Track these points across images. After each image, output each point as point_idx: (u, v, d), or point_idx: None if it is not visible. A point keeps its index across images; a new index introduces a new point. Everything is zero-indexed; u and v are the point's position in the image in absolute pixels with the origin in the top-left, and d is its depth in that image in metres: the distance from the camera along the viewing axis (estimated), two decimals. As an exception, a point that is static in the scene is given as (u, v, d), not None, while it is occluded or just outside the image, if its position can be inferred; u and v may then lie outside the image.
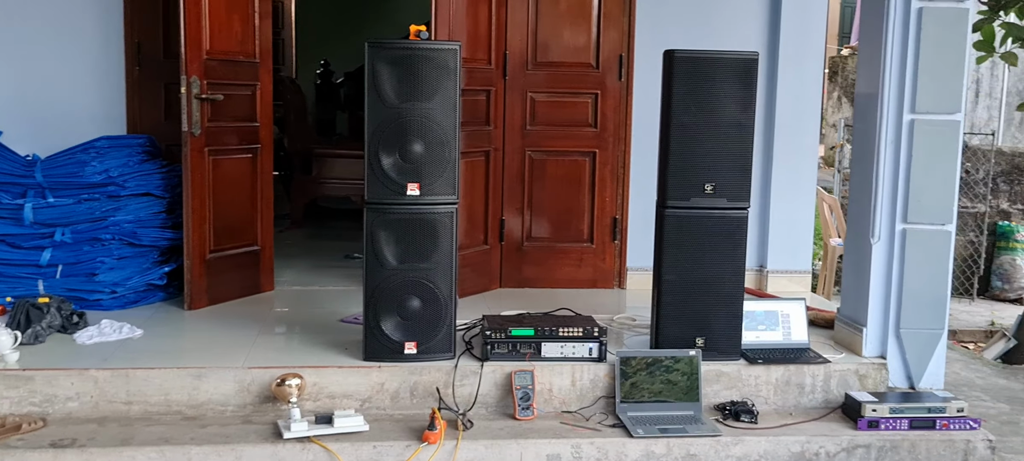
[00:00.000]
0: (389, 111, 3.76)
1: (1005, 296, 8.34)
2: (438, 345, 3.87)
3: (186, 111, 4.43)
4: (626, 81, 5.27)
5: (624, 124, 5.30)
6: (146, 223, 4.66)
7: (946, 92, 4.01)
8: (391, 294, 3.83)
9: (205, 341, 4.14)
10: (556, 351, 3.91)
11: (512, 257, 5.33)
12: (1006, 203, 8.65)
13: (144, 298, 4.65)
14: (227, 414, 3.70)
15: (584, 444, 3.61)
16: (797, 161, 5.46)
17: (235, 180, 4.79)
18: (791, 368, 4.02)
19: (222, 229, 4.72)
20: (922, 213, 4.06)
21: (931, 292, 4.11)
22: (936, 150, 4.03)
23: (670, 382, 3.87)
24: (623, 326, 4.54)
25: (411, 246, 3.83)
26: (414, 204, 3.82)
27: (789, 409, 4.01)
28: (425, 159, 3.80)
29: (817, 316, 4.63)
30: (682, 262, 3.98)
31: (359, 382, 3.79)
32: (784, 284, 5.46)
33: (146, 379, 3.68)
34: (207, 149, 4.57)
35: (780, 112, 5.38)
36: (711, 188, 3.95)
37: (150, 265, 4.66)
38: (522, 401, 3.78)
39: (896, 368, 4.14)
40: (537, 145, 5.26)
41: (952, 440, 3.80)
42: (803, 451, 3.72)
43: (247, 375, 3.73)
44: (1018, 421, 4.62)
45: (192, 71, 4.43)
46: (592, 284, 5.40)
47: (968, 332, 7.18)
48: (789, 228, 5.51)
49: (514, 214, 5.29)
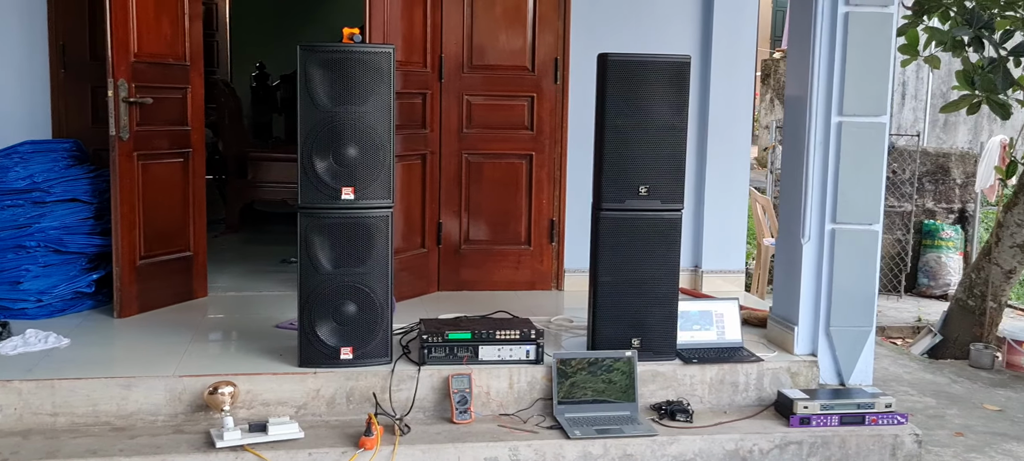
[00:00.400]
0: (322, 115, 3.73)
1: (931, 293, 8.56)
2: (375, 350, 3.85)
3: (114, 115, 4.33)
4: (562, 84, 5.30)
5: (560, 127, 5.32)
6: (73, 230, 4.54)
7: (872, 95, 4.10)
8: (326, 299, 3.79)
9: (135, 349, 4.05)
10: (493, 354, 3.91)
11: (450, 260, 5.32)
12: (931, 202, 8.89)
13: (72, 306, 4.54)
14: (158, 424, 3.63)
15: (522, 447, 3.62)
16: (730, 162, 5.55)
17: (166, 185, 4.70)
18: (725, 367, 4.08)
19: (153, 235, 4.62)
20: (850, 213, 4.15)
21: (860, 290, 4.20)
22: (863, 151, 4.12)
23: (607, 383, 3.90)
24: (561, 328, 4.56)
25: (346, 250, 3.79)
26: (349, 208, 3.79)
27: (724, 407, 4.07)
28: (359, 163, 3.77)
29: (750, 315, 4.70)
30: (617, 263, 4.01)
31: (294, 389, 3.74)
32: (718, 284, 5.54)
33: (73, 390, 3.58)
34: (136, 154, 4.47)
35: (713, 114, 5.46)
36: (645, 190, 3.99)
37: (78, 272, 4.55)
38: (459, 405, 3.77)
39: (827, 365, 4.22)
40: (474, 148, 5.25)
41: (881, 435, 3.88)
42: (737, 449, 3.78)
43: (178, 384, 3.66)
44: (944, 415, 4.75)
45: (119, 74, 4.34)
46: (530, 286, 5.41)
47: (896, 328, 7.36)
48: (723, 228, 5.59)
49: (451, 217, 5.28)
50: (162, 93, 4.63)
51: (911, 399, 4.96)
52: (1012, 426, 4.60)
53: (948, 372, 5.58)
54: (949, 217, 8.89)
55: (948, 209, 8.90)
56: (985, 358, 5.70)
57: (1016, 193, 6.08)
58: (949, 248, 8.57)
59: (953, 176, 8.91)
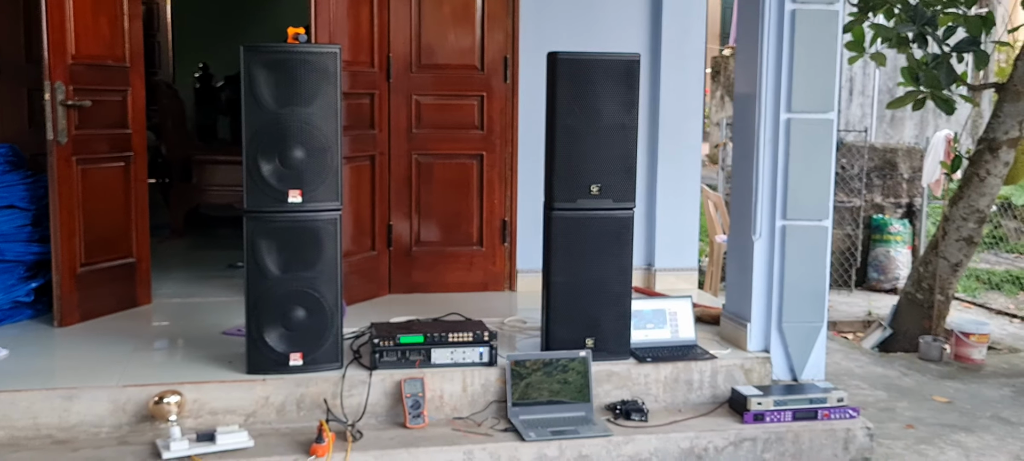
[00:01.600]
0: (268, 116, 3.64)
1: (881, 287, 8.67)
2: (325, 355, 3.77)
3: (51, 119, 4.21)
4: (511, 83, 5.26)
5: (511, 126, 5.29)
6: (10, 237, 4.41)
7: (819, 91, 4.12)
8: (274, 304, 3.71)
9: (77, 359, 3.94)
10: (446, 357, 3.86)
11: (401, 262, 5.25)
12: (880, 197, 9.00)
13: (10, 317, 4.39)
14: (101, 436, 3.52)
15: (476, 450, 3.57)
16: (681, 160, 5.55)
17: (107, 190, 4.57)
18: (679, 365, 4.07)
19: (94, 241, 4.49)
20: (800, 210, 4.17)
21: (810, 286, 4.22)
22: (811, 148, 4.14)
23: (562, 383, 3.86)
24: (514, 329, 4.52)
25: (294, 255, 3.72)
26: (296, 211, 3.71)
27: (678, 406, 4.06)
28: (306, 165, 3.70)
29: (704, 312, 4.70)
30: (570, 264, 3.98)
31: (243, 397, 3.66)
32: (672, 282, 5.55)
33: (12, 402, 3.46)
34: (75, 158, 4.35)
35: (664, 112, 5.46)
36: (597, 189, 3.96)
37: (15, 281, 4.41)
38: (412, 409, 3.72)
39: (779, 361, 4.24)
40: (423, 148, 5.20)
41: (833, 429, 3.90)
42: (692, 447, 3.77)
43: (122, 394, 3.55)
44: (895, 407, 4.80)
45: (56, 76, 4.21)
46: (483, 287, 5.36)
47: (847, 322, 7.43)
48: (675, 226, 5.59)
49: (402, 219, 5.22)
50: (101, 95, 4.50)
51: (863, 393, 5.00)
52: (961, 417, 4.66)
53: (898, 365, 5.64)
54: (897, 212, 9.01)
55: (896, 204, 9.02)
56: (934, 351, 5.78)
57: (961, 187, 6.17)
58: (898, 242, 8.69)
59: (900, 171, 9.04)
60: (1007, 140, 5.87)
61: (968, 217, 6.06)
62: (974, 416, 4.69)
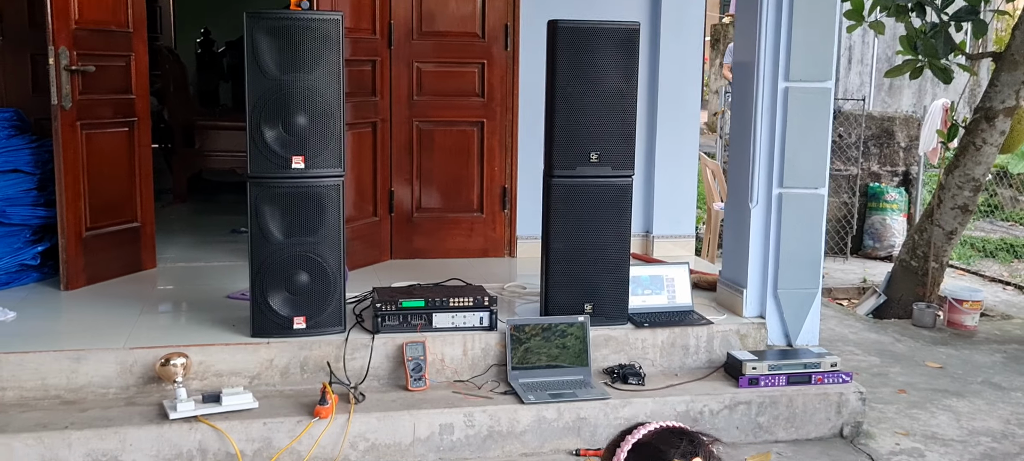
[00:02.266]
0: (271, 83, 3.68)
1: (876, 254, 8.73)
2: (328, 319, 3.84)
3: (55, 84, 4.24)
4: (512, 51, 5.29)
5: (511, 94, 5.32)
6: (15, 201, 4.46)
7: (818, 60, 4.16)
8: (278, 269, 3.77)
9: (84, 322, 4.00)
10: (447, 321, 3.93)
11: (402, 228, 5.31)
12: (876, 165, 9.04)
13: (17, 279, 4.46)
14: (109, 397, 3.59)
15: (476, 412, 3.64)
16: (680, 128, 5.59)
17: (111, 155, 4.62)
18: (676, 330, 4.14)
19: (99, 206, 4.55)
20: (797, 178, 4.21)
21: (806, 253, 4.28)
22: (809, 117, 4.18)
23: (561, 348, 3.93)
24: (514, 294, 4.58)
25: (297, 220, 3.77)
26: (299, 177, 3.76)
27: (675, 370, 4.13)
28: (309, 131, 3.74)
29: (701, 279, 4.77)
30: (569, 230, 4.04)
31: (247, 359, 3.73)
32: (669, 248, 5.61)
33: (20, 363, 3.53)
34: (79, 123, 4.39)
35: (663, 80, 5.49)
36: (596, 157, 4.01)
37: (22, 244, 4.46)
38: (414, 372, 3.79)
39: (775, 327, 4.31)
40: (425, 115, 5.23)
41: (826, 394, 3.98)
42: (688, 410, 3.85)
43: (129, 356, 3.62)
44: (887, 373, 4.87)
45: (60, 42, 4.24)
46: (483, 253, 5.43)
47: (842, 289, 7.50)
48: (673, 194, 5.64)
49: (403, 185, 5.27)
50: (105, 61, 4.53)
51: (856, 358, 5.07)
52: (952, 382, 4.74)
53: (892, 331, 5.72)
54: (894, 180, 9.06)
55: (892, 172, 9.07)
56: (927, 317, 5.85)
57: (957, 155, 6.21)
58: (893, 210, 8.74)
59: (897, 139, 9.07)
60: (1004, 109, 5.91)
61: (963, 185, 6.11)
62: (966, 381, 4.77)
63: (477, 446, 3.64)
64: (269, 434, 3.44)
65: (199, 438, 3.39)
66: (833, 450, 3.86)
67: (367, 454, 3.54)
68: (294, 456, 3.45)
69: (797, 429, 3.95)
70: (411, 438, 3.58)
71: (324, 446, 3.48)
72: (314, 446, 3.45)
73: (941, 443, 3.97)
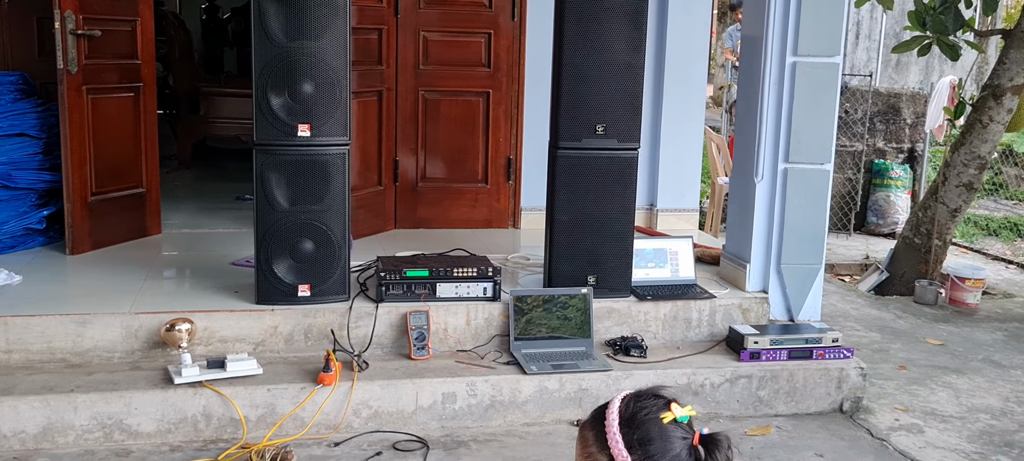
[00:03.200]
0: (277, 50, 3.67)
1: (880, 231, 8.73)
2: (332, 287, 3.85)
3: (61, 47, 4.23)
4: (519, 21, 5.27)
5: (517, 64, 5.31)
6: (21, 165, 4.46)
7: (826, 35, 4.14)
8: (283, 236, 3.78)
9: (89, 286, 4.02)
10: (451, 291, 3.94)
11: (407, 198, 5.32)
12: (882, 142, 9.03)
13: (22, 243, 4.48)
14: (114, 361, 3.62)
15: (479, 382, 3.67)
16: (686, 101, 5.58)
17: (117, 120, 4.62)
18: (678, 304, 4.15)
19: (105, 171, 4.55)
20: (802, 153, 4.21)
21: (810, 229, 4.28)
22: (816, 92, 4.17)
23: (563, 319, 3.95)
24: (518, 265, 4.59)
25: (303, 188, 3.77)
26: (305, 145, 3.76)
27: (677, 343, 4.15)
28: (315, 99, 3.74)
29: (704, 253, 4.78)
30: (574, 202, 4.04)
31: (252, 326, 3.75)
32: (673, 222, 5.61)
33: (26, 327, 3.55)
34: (85, 87, 4.38)
35: (670, 53, 5.48)
36: (602, 129, 4.01)
37: (28, 208, 4.48)
38: (417, 341, 3.81)
39: (777, 301, 4.32)
40: (431, 85, 5.22)
41: (827, 369, 4.00)
42: (689, 383, 3.87)
43: (134, 321, 3.64)
44: (888, 349, 4.89)
45: (66, 5, 4.23)
46: (487, 224, 5.43)
47: (845, 266, 7.51)
48: (678, 167, 5.64)
49: (408, 154, 5.27)
50: (110, 25, 4.52)
51: (857, 334, 5.09)
52: (952, 359, 4.76)
53: (893, 308, 5.73)
54: (899, 157, 9.04)
55: (898, 149, 9.05)
56: (929, 294, 5.86)
57: (963, 133, 6.20)
58: (898, 187, 8.73)
59: (904, 116, 9.05)
60: (1011, 87, 5.88)
61: (969, 163, 6.10)
62: (966, 358, 4.79)
63: (479, 415, 3.67)
64: (273, 400, 3.47)
65: (204, 403, 3.41)
66: (833, 424, 3.89)
67: (370, 421, 3.56)
68: (297, 422, 3.48)
69: (797, 403, 3.97)
70: (414, 406, 3.61)
71: (327, 413, 3.51)
72: (318, 413, 3.48)
73: (940, 419, 4.00)
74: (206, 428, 3.42)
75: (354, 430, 3.53)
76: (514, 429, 3.67)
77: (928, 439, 3.80)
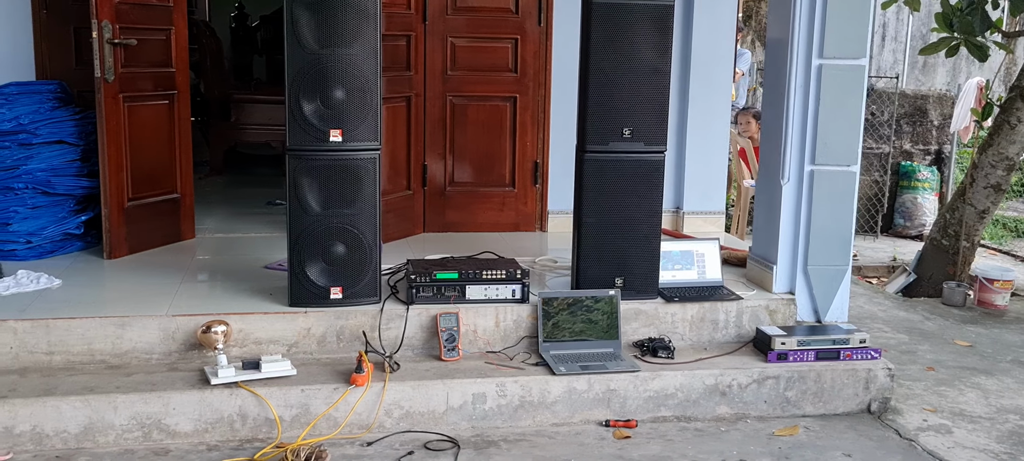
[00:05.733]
0: (309, 57, 3.74)
1: (907, 233, 8.71)
2: (363, 290, 3.92)
3: (98, 56, 4.33)
4: (545, 26, 5.32)
5: (544, 69, 5.36)
6: (60, 171, 4.57)
7: (852, 37, 4.16)
8: (316, 240, 3.85)
9: (127, 290, 4.10)
10: (480, 293, 3.99)
11: (435, 202, 5.38)
12: (908, 144, 9.00)
13: (61, 248, 4.58)
14: (152, 362, 3.70)
15: (508, 382, 3.72)
16: (711, 105, 5.61)
17: (152, 127, 4.72)
18: (706, 305, 4.18)
19: (140, 177, 4.65)
20: (829, 155, 4.23)
21: (837, 230, 4.30)
22: (842, 94, 4.19)
23: (591, 321, 3.99)
24: (545, 268, 4.64)
25: (335, 192, 3.84)
26: (337, 150, 3.83)
27: (704, 344, 4.18)
28: (347, 105, 3.80)
29: (730, 255, 4.80)
30: (601, 205, 4.08)
31: (285, 328, 3.82)
32: (699, 225, 5.64)
33: (67, 329, 3.64)
34: (122, 95, 4.48)
35: (695, 56, 5.51)
36: (629, 132, 4.05)
37: (66, 214, 4.58)
38: (447, 342, 3.86)
39: (804, 303, 4.34)
40: (458, 90, 5.29)
41: (855, 369, 4.01)
42: (717, 383, 3.90)
43: (172, 323, 3.72)
44: (916, 350, 4.89)
45: (103, 15, 4.33)
46: (514, 227, 5.49)
47: (872, 268, 7.50)
48: (704, 170, 5.67)
49: (436, 159, 5.33)
50: (146, 34, 4.62)
51: (885, 335, 5.10)
52: (981, 360, 4.76)
53: (921, 309, 5.72)
54: (926, 158, 9.01)
55: (925, 151, 9.02)
56: (957, 296, 5.85)
57: (991, 134, 6.18)
58: (925, 189, 8.71)
59: (930, 118, 9.02)
60: (1039, 88, 5.87)
61: (997, 164, 6.09)
62: (995, 360, 4.78)
63: (509, 416, 3.72)
64: (307, 401, 3.54)
65: (239, 403, 3.48)
66: (860, 425, 3.90)
67: (401, 421, 3.62)
68: (330, 422, 3.55)
69: (825, 404, 3.99)
70: (444, 407, 3.66)
71: (360, 413, 3.57)
72: (351, 413, 3.54)
73: (969, 420, 4.00)
74: (242, 428, 3.49)
75: (386, 430, 3.59)
76: (543, 429, 3.72)
77: (957, 439, 3.80)
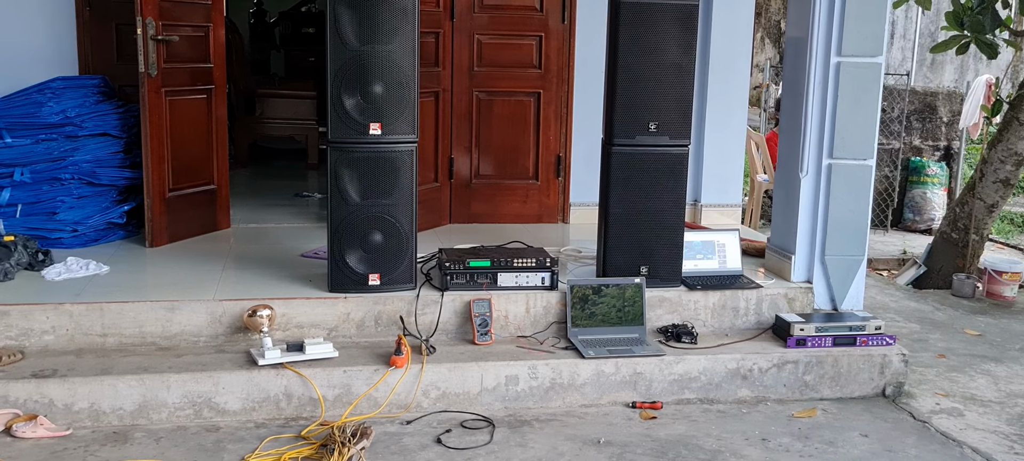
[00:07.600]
0: (351, 53, 3.91)
1: (916, 227, 8.86)
2: (400, 276, 4.08)
3: (142, 52, 4.50)
4: (569, 23, 5.49)
5: (567, 65, 5.53)
6: (104, 163, 4.74)
7: (869, 36, 4.31)
8: (355, 229, 4.02)
9: (172, 276, 4.27)
10: (511, 281, 4.16)
11: (461, 194, 5.55)
12: (918, 140, 9.15)
13: (104, 236, 4.75)
14: (200, 344, 3.87)
15: (540, 365, 3.88)
16: (729, 100, 5.77)
17: (191, 120, 4.88)
18: (727, 293, 4.35)
19: (180, 168, 4.82)
20: (846, 149, 4.39)
21: (853, 221, 4.46)
22: (859, 90, 4.34)
23: (617, 307, 4.16)
24: (569, 257, 4.80)
25: (373, 183, 4.01)
26: (376, 143, 4.00)
27: (725, 330, 4.35)
28: (386, 100, 3.97)
29: (748, 246, 4.96)
30: (627, 196, 4.25)
31: (326, 312, 3.99)
32: (716, 217, 5.80)
33: (120, 312, 3.82)
34: (164, 89, 4.65)
35: (714, 53, 5.67)
36: (655, 126, 4.21)
37: (110, 204, 4.75)
38: (480, 327, 4.03)
39: (821, 291, 4.50)
40: (484, 86, 5.46)
41: (870, 355, 4.17)
42: (738, 368, 4.06)
43: (218, 307, 3.89)
44: (927, 338, 5.05)
45: (147, 12, 4.49)
46: (537, 219, 5.66)
47: (882, 260, 7.65)
48: (721, 164, 5.83)
49: (462, 153, 5.50)
50: (186, 31, 4.79)
51: (897, 325, 5.25)
52: (990, 349, 4.91)
53: (931, 301, 5.88)
54: (935, 154, 9.16)
55: (934, 146, 9.17)
56: (967, 287, 6.00)
57: (1000, 130, 6.33)
58: (934, 184, 8.86)
59: (940, 114, 9.16)
60: (1048, 85, 6.01)
61: (1006, 160, 6.24)
62: (1004, 348, 4.94)
63: (540, 396, 3.89)
64: (349, 381, 3.71)
65: (285, 383, 3.66)
66: (876, 408, 4.06)
67: (438, 402, 3.79)
68: (371, 402, 3.71)
69: (841, 388, 4.15)
70: (479, 388, 3.83)
71: (399, 393, 3.74)
72: (391, 394, 3.71)
73: (979, 404, 4.16)
74: (287, 407, 3.66)
75: (424, 409, 3.76)
76: (573, 410, 3.88)
77: (968, 422, 3.96)
